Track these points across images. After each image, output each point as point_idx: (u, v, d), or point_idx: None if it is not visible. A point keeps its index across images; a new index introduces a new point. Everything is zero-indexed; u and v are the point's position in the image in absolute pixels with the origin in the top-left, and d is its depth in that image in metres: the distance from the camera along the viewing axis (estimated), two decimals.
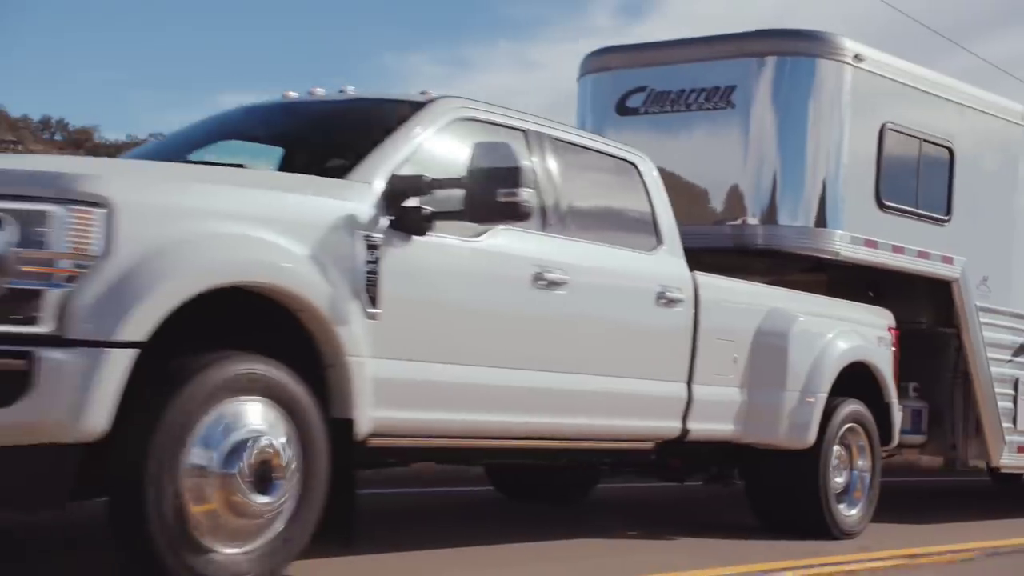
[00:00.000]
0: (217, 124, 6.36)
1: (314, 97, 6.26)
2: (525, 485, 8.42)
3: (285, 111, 6.21)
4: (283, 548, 4.57)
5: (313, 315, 4.71)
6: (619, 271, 6.22)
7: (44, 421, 4.03)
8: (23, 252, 4.07)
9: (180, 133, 6.49)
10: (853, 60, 8.12)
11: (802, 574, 6.03)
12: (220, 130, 6.28)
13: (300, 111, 6.17)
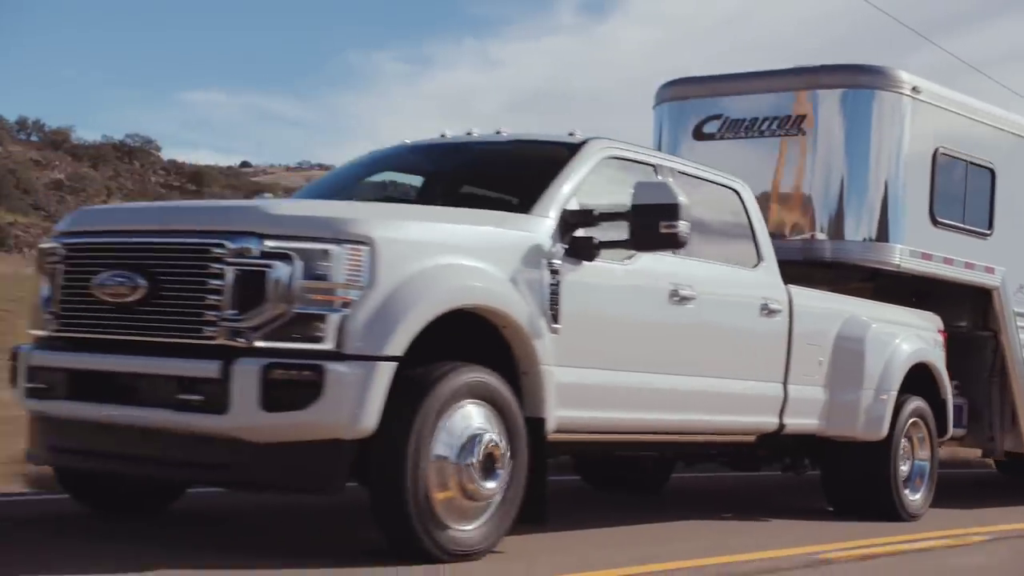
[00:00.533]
0: (384, 159, 7.24)
1: (474, 138, 7.14)
2: (610, 476, 9.32)
3: (452, 150, 7.08)
4: (499, 525, 5.47)
5: (515, 330, 5.60)
6: (733, 286, 7.15)
7: (330, 422, 4.93)
8: (308, 283, 4.97)
9: (352, 167, 7.37)
10: (911, 92, 9.06)
11: (887, 548, 6.94)
12: (387, 165, 7.17)
13: (467, 150, 7.05)
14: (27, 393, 5.53)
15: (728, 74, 9.64)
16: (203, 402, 4.96)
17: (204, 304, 5.03)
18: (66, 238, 5.58)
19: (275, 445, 4.95)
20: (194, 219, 5.30)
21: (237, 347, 4.97)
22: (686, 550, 6.17)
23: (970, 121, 9.67)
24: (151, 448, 5.18)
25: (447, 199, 6.63)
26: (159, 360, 5.09)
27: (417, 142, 7.26)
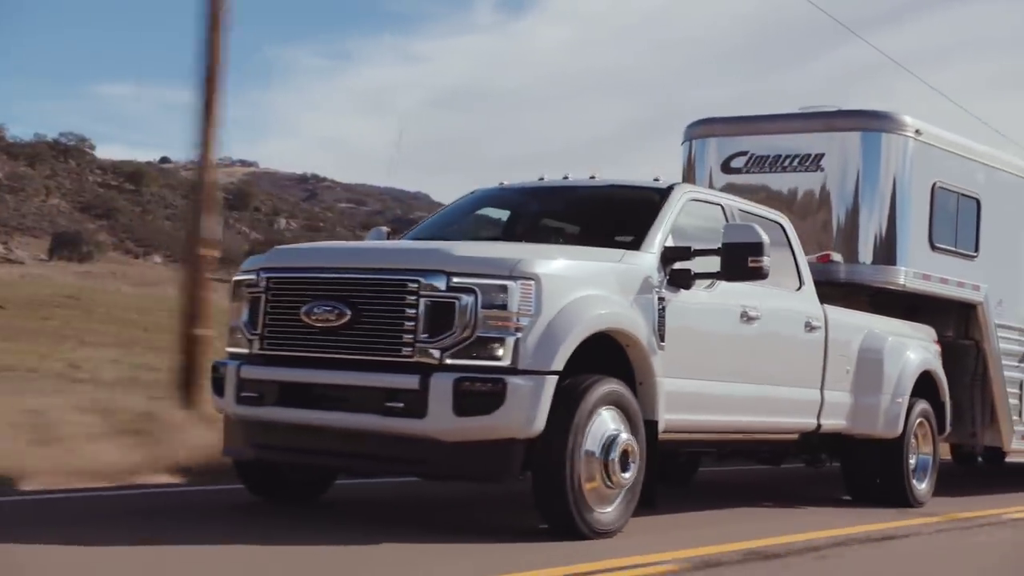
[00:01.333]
0: (490, 198, 8.45)
1: (575, 181, 8.34)
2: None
3: (557, 192, 8.29)
4: (627, 509, 6.70)
5: (636, 348, 6.83)
6: (785, 308, 8.44)
7: (510, 424, 6.12)
8: (488, 312, 6.16)
9: (462, 204, 8.56)
10: (914, 134, 10.42)
11: (895, 527, 8.24)
12: (495, 203, 8.38)
13: (571, 193, 8.26)
14: (238, 400, 6.64)
15: (753, 116, 10.92)
16: (404, 409, 6.13)
17: (402, 329, 6.20)
18: (267, 272, 6.70)
19: (464, 443, 6.13)
20: (392, 259, 6.46)
21: (431, 364, 6.14)
22: (748, 532, 7.38)
23: (961, 158, 11.05)
24: (356, 446, 6.34)
25: (559, 236, 7.86)
26: (366, 374, 6.25)
27: (520, 184, 8.47)
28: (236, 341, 6.86)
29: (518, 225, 8.25)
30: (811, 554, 6.82)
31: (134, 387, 12.83)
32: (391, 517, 7.41)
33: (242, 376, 6.66)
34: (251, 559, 5.58)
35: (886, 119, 10.37)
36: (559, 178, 8.46)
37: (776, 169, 10.57)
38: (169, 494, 7.81)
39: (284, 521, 6.62)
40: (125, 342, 23.26)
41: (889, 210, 10.33)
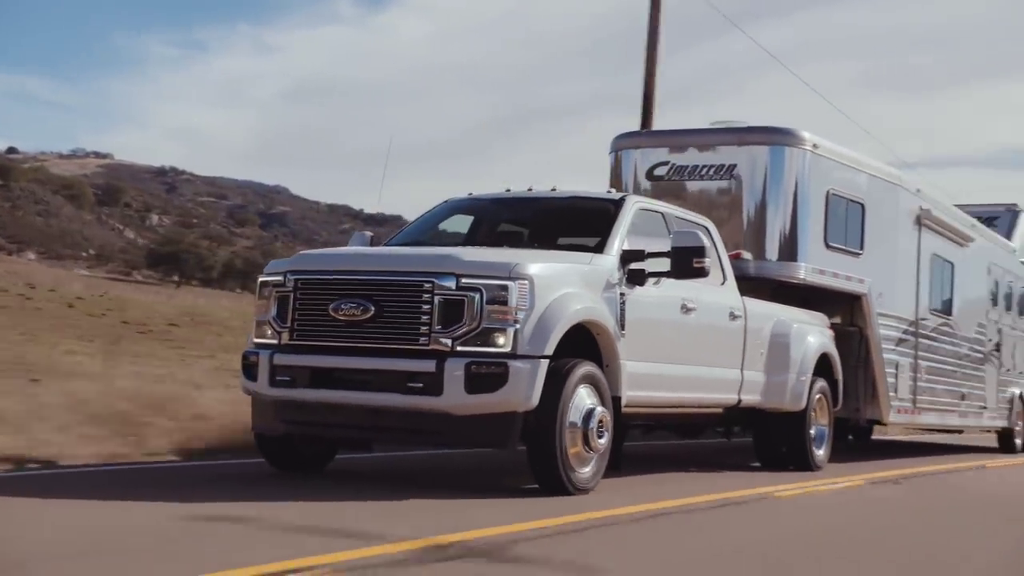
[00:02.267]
0: (462, 206, 9.67)
1: (539, 192, 9.61)
2: None
3: (522, 202, 9.55)
4: (600, 470, 8.02)
5: (605, 336, 8.15)
6: (714, 300, 9.84)
7: (512, 400, 7.39)
8: (492, 307, 7.40)
9: (434, 213, 9.77)
10: (812, 148, 11.96)
11: (814, 489, 9.75)
12: (466, 211, 9.60)
13: (537, 203, 9.52)
14: (272, 384, 7.75)
15: (673, 130, 12.38)
16: (424, 388, 7.34)
17: (419, 322, 7.42)
18: (295, 275, 7.83)
19: (474, 417, 7.38)
20: (410, 264, 7.68)
21: (445, 351, 7.36)
22: (683, 490, 8.75)
23: (849, 168, 12.65)
24: (381, 420, 7.53)
25: (529, 241, 9.13)
26: (390, 360, 7.44)
27: (491, 194, 9.72)
28: (264, 333, 7.97)
29: (491, 231, 9.50)
30: (741, 506, 8.23)
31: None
32: (389, 483, 8.58)
33: (275, 363, 7.79)
34: (281, 512, 6.73)
35: (789, 135, 11.89)
36: (523, 189, 9.74)
37: (695, 177, 12.00)
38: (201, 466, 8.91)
39: (303, 486, 7.77)
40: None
41: (791, 213, 11.84)
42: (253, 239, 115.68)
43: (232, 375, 13.12)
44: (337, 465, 8.90)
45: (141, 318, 33.21)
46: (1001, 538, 7.72)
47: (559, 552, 5.74)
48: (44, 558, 5.01)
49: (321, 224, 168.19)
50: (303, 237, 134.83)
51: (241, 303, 49.39)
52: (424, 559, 5.28)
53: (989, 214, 19.94)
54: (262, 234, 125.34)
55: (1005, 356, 18.20)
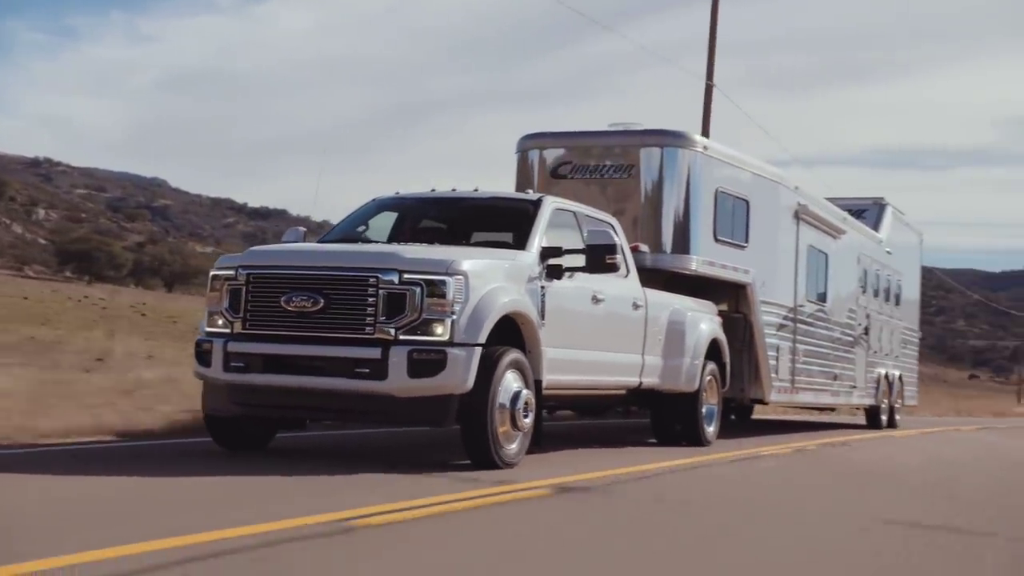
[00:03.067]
0: (390, 205, 10.42)
1: (462, 192, 10.41)
2: None
3: (446, 202, 10.34)
4: (524, 446, 8.89)
5: (528, 326, 9.01)
6: (619, 291, 10.78)
7: (449, 383, 8.20)
8: (431, 300, 8.20)
9: (363, 210, 10.49)
10: (703, 150, 13.00)
11: (701, 460, 10.78)
12: (393, 209, 10.36)
13: (461, 202, 10.32)
14: (226, 369, 8.43)
15: (576, 131, 13.26)
16: (370, 373, 8.10)
17: (365, 313, 8.17)
18: (247, 269, 8.50)
19: (415, 399, 8.17)
20: (357, 260, 8.41)
21: (389, 339, 8.13)
22: (602, 464, 9.67)
23: (735, 168, 13.74)
24: (330, 402, 8.28)
25: (453, 236, 9.92)
26: (339, 347, 8.18)
27: (416, 194, 10.49)
28: (215, 322, 8.63)
29: (414, 228, 10.27)
30: (648, 480, 9.18)
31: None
32: (327, 460, 9.32)
33: (229, 350, 8.46)
34: (224, 486, 7.45)
35: (682, 137, 12.91)
36: (447, 189, 10.54)
37: (596, 176, 12.94)
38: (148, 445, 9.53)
39: (245, 461, 8.47)
40: None
41: (684, 210, 12.87)
42: (144, 234, 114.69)
43: None
44: (276, 443, 9.61)
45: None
46: (870, 502, 8.82)
47: (489, 520, 6.59)
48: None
49: (204, 218, 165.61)
50: (187, 231, 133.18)
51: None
52: (330, 532, 5.94)
53: (858, 207, 21.43)
54: (153, 229, 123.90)
55: (873, 339, 19.66)
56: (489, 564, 5.32)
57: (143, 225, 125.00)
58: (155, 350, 21.64)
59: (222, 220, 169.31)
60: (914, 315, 23.53)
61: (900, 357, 21.83)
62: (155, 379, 14.42)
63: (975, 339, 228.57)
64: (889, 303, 21.01)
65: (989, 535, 7.23)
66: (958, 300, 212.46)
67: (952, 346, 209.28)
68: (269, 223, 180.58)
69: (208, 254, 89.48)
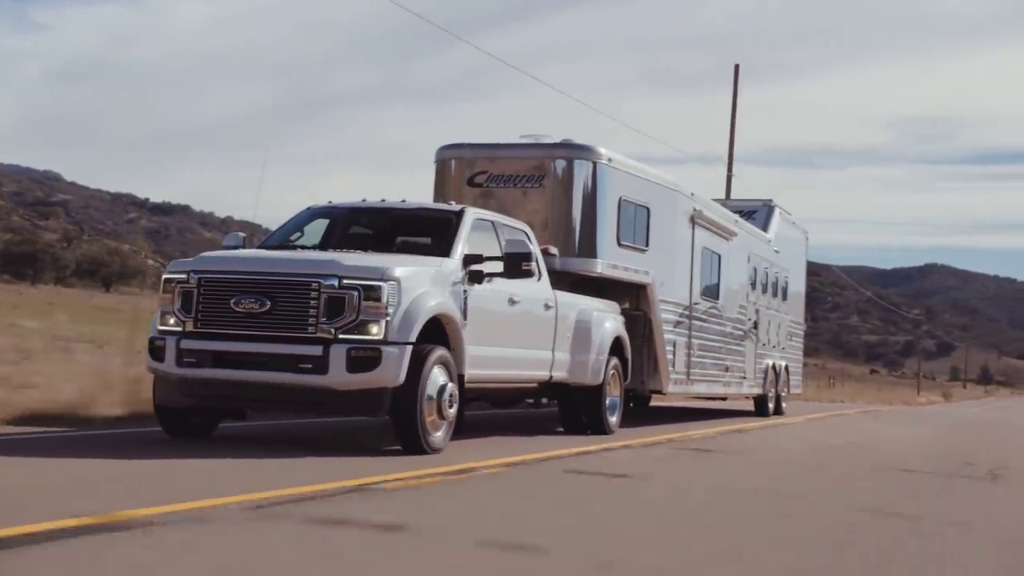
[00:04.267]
0: (324, 214, 11.32)
1: (390, 203, 11.35)
2: None
3: (379, 212, 11.26)
4: (449, 433, 9.88)
5: (452, 326, 10.00)
6: (533, 294, 11.82)
7: (384, 378, 9.16)
8: (368, 303, 9.14)
9: (298, 219, 11.37)
10: (607, 161, 14.09)
11: (605, 447, 11.88)
12: (328, 218, 11.26)
13: (389, 212, 11.25)
14: (178, 364, 9.27)
15: (491, 143, 14.25)
16: (312, 368, 9.02)
17: (308, 315, 9.08)
18: (198, 273, 9.35)
19: (353, 391, 9.11)
20: (300, 267, 9.31)
21: (329, 338, 9.06)
22: (516, 450, 10.73)
23: (637, 178, 14.87)
24: (275, 394, 9.17)
25: (382, 243, 10.85)
26: (284, 345, 9.08)
27: (348, 203, 11.40)
28: (167, 322, 9.47)
29: (345, 235, 11.18)
30: (558, 460, 10.25)
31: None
32: (267, 447, 10.21)
33: (182, 346, 9.31)
34: (174, 467, 8.33)
35: (588, 150, 13.98)
36: (377, 200, 11.48)
37: (509, 185, 13.96)
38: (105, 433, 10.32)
39: (190, 447, 9.33)
40: None
41: (590, 217, 13.95)
42: (59, 231, 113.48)
43: None
44: (220, 432, 10.47)
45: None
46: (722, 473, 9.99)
47: (405, 498, 7.57)
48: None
49: (106, 213, 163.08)
50: (90, 227, 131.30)
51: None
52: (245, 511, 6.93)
53: (749, 208, 22.86)
54: (68, 227, 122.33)
55: (761, 332, 21.05)
56: (430, 526, 6.31)
57: (57, 223, 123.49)
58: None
59: (124, 216, 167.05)
60: (800, 309, 25.06)
61: (787, 349, 23.30)
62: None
63: (868, 334, 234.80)
64: (777, 298, 22.42)
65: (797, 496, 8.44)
66: (852, 296, 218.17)
67: (847, 341, 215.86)
68: (172, 219, 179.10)
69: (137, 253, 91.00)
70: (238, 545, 5.52)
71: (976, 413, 37.81)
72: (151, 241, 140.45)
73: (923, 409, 41.08)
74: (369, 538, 5.79)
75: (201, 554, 5.26)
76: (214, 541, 5.59)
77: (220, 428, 10.55)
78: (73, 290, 75.66)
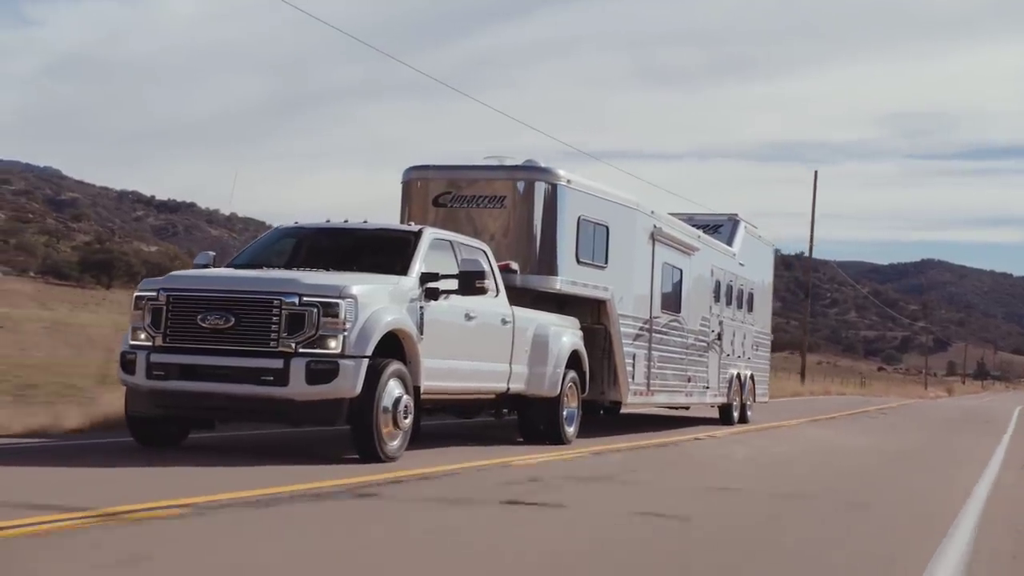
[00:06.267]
0: (291, 235, 11.96)
1: (352, 224, 11.98)
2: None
3: (341, 232, 11.90)
4: (404, 443, 10.50)
5: (408, 340, 10.63)
6: (490, 309, 12.45)
7: (341, 389, 9.79)
8: (326, 319, 9.77)
9: (267, 238, 11.99)
10: (566, 183, 14.74)
11: (555, 456, 12.50)
12: (295, 238, 11.90)
13: (351, 233, 11.88)
14: (148, 376, 9.88)
15: (456, 165, 14.90)
16: (273, 380, 9.64)
17: (271, 330, 9.70)
18: (167, 291, 9.97)
19: (312, 402, 9.73)
20: (263, 285, 9.94)
21: (290, 352, 9.68)
22: (472, 458, 11.35)
23: (596, 198, 15.51)
24: (239, 405, 9.79)
25: (345, 262, 11.46)
26: (247, 359, 9.70)
27: (314, 224, 12.04)
28: (139, 337, 10.08)
29: (314, 254, 11.80)
30: (506, 470, 10.87)
31: None
32: (233, 457, 10.82)
33: (152, 360, 9.93)
34: (146, 474, 8.94)
35: (548, 172, 14.62)
36: (341, 221, 12.12)
37: (473, 205, 14.59)
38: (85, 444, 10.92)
39: (160, 456, 9.93)
40: None
41: (550, 235, 14.57)
42: (91, 233, 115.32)
43: None
44: (190, 442, 11.08)
45: None
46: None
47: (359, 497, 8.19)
48: None
49: (114, 212, 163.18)
50: (99, 225, 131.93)
51: None
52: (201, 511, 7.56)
53: (715, 222, 23.52)
54: (99, 229, 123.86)
55: (725, 343, 21.69)
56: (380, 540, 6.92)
57: (89, 225, 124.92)
58: None
59: (132, 214, 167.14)
60: (766, 319, 25.72)
61: (752, 359, 23.93)
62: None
63: (866, 330, 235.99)
64: (742, 310, 23.07)
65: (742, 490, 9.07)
66: (849, 292, 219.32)
67: (845, 337, 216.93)
68: (179, 216, 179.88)
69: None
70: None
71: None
72: (158, 238, 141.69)
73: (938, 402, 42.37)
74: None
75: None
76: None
77: (191, 438, 11.15)
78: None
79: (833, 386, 63.77)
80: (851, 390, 65.70)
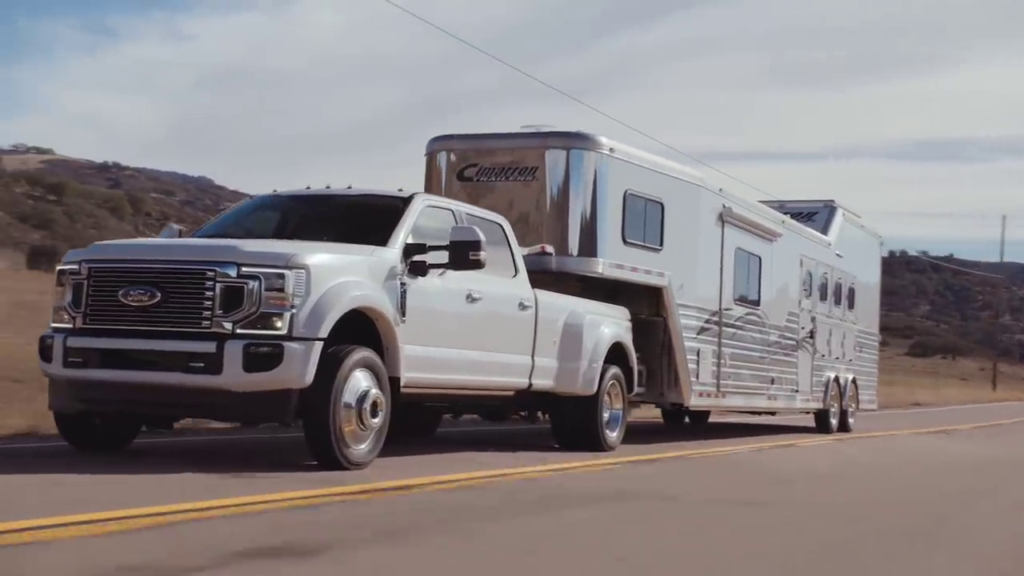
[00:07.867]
0: (267, 203, 10.32)
1: (334, 190, 10.31)
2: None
3: (321, 199, 10.24)
4: (376, 446, 8.74)
5: (383, 322, 8.88)
6: (502, 291, 10.64)
7: (286, 378, 8.08)
8: (269, 294, 8.08)
9: (243, 207, 10.39)
10: (609, 152, 12.86)
11: (600, 464, 10.64)
12: (271, 207, 10.25)
13: (332, 200, 10.22)
14: (65, 364, 8.32)
15: (481, 134, 13.14)
16: (204, 368, 7.99)
17: (202, 307, 8.06)
18: (89, 263, 8.40)
19: (251, 393, 8.05)
20: (194, 254, 8.30)
21: (225, 333, 8.02)
22: (491, 464, 9.58)
23: (647, 170, 13.59)
24: (165, 397, 8.16)
25: (323, 234, 9.79)
26: (174, 341, 8.07)
27: (291, 191, 10.39)
28: (60, 318, 8.54)
29: (290, 225, 10.15)
30: (526, 481, 9.06)
31: None
32: (186, 463, 9.21)
33: (68, 345, 8.36)
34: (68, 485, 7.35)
35: (587, 139, 12.77)
36: (322, 187, 10.45)
37: (500, 178, 12.81)
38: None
39: (94, 462, 8.37)
40: None
41: (590, 212, 12.71)
42: None
43: None
44: (138, 445, 9.50)
45: None
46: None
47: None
48: None
49: None
50: None
51: None
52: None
53: (809, 210, 21.25)
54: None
55: (820, 343, 19.43)
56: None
57: None
58: None
59: None
60: (872, 318, 23.28)
61: (854, 361, 21.57)
62: None
63: (1021, 333, 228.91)
64: (840, 306, 20.78)
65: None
66: (1004, 295, 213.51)
67: (1001, 341, 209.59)
68: None
69: None
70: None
71: None
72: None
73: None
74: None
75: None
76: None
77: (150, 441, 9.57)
78: None
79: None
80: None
